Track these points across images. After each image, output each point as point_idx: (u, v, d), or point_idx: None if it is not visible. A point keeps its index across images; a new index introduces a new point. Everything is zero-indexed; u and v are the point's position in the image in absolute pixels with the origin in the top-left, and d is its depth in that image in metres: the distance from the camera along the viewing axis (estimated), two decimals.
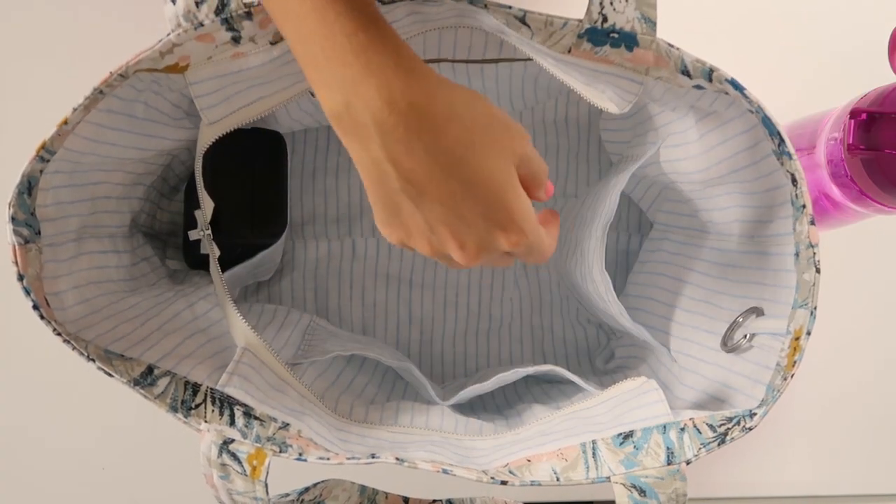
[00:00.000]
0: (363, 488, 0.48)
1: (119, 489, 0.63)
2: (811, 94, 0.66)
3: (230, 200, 0.52)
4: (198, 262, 0.54)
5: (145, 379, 0.41)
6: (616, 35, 0.41)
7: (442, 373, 0.63)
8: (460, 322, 0.64)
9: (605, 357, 0.62)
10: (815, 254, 0.40)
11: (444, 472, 0.41)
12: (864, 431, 0.66)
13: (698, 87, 0.42)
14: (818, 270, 0.40)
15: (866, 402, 0.66)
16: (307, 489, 0.45)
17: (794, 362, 0.40)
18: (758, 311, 0.45)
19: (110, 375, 0.39)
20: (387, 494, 0.48)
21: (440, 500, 0.48)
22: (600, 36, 0.41)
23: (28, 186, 0.38)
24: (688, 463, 0.41)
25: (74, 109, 0.38)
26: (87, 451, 0.63)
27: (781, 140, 0.40)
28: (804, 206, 0.40)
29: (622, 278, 0.64)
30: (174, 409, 0.41)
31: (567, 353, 0.64)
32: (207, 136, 0.44)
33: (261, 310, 0.56)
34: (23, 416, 0.62)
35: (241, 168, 0.54)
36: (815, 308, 0.40)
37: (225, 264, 0.50)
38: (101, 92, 0.38)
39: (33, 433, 0.62)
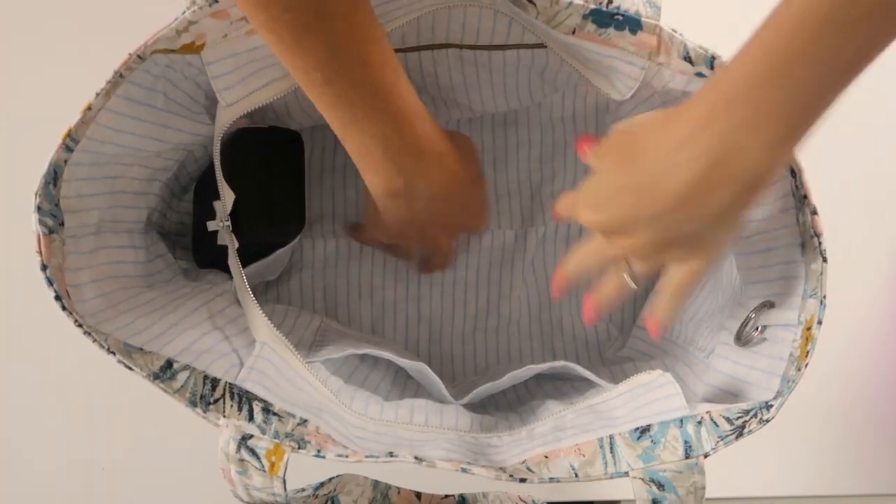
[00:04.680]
0: (376, 483, 0.48)
1: (119, 489, 0.63)
2: None
3: (248, 199, 0.51)
4: (208, 262, 0.54)
5: (165, 373, 0.40)
6: (621, 17, 0.41)
7: (452, 371, 0.63)
8: (469, 320, 0.64)
9: (615, 349, 0.62)
10: (820, 243, 0.40)
11: (463, 470, 0.41)
12: (864, 431, 0.66)
13: (700, 74, 0.42)
14: (825, 259, 0.41)
15: (867, 402, 0.66)
16: (322, 484, 0.45)
17: (808, 352, 0.40)
18: (769, 305, 0.45)
19: (130, 369, 0.39)
20: (399, 489, 0.48)
21: (452, 496, 0.48)
22: (605, 17, 0.41)
23: (54, 176, 0.38)
24: (706, 456, 0.41)
25: (97, 94, 0.38)
26: (87, 451, 0.62)
27: None
28: (805, 197, 0.41)
29: None
30: (193, 404, 0.41)
31: (577, 349, 0.64)
32: (225, 119, 0.45)
33: (271, 310, 0.56)
34: (23, 417, 0.62)
35: (259, 167, 0.54)
36: (825, 297, 0.40)
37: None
38: (121, 75, 0.39)
39: (33, 433, 0.62)
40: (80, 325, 0.38)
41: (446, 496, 0.49)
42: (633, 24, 0.41)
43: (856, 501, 0.67)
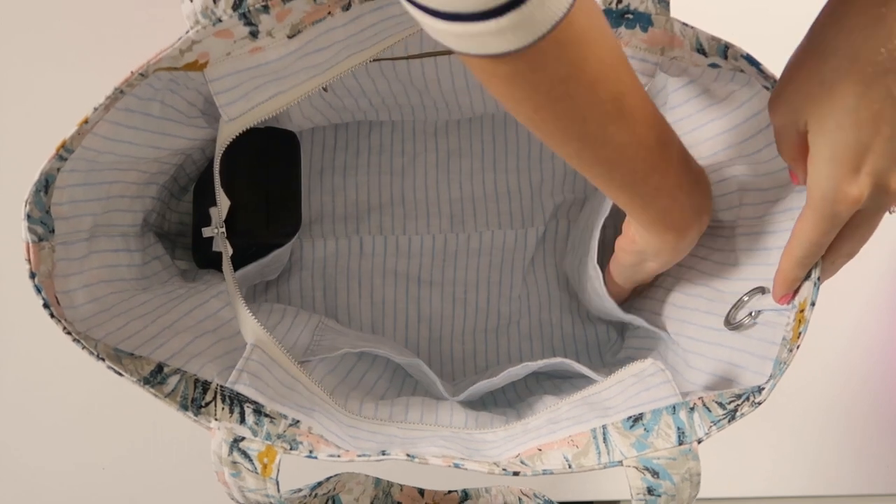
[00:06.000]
0: (378, 481, 0.47)
1: (119, 489, 0.63)
2: None
3: (245, 199, 0.52)
4: (207, 262, 0.54)
5: (155, 377, 0.41)
6: (631, 16, 0.41)
7: (451, 370, 0.63)
8: (468, 319, 0.64)
9: (614, 351, 0.62)
10: None
11: (456, 465, 0.41)
12: (863, 431, 0.66)
13: (714, 65, 0.42)
14: None
15: (867, 402, 0.65)
16: (320, 484, 0.45)
17: (799, 334, 0.40)
18: (763, 290, 0.45)
19: (120, 374, 0.39)
20: (402, 487, 0.48)
21: (455, 491, 0.48)
22: (615, 17, 0.41)
23: (45, 184, 0.38)
24: (699, 442, 0.41)
25: (95, 109, 0.38)
26: (87, 451, 0.63)
27: None
28: None
29: None
30: (184, 408, 0.41)
31: (577, 350, 0.64)
32: (227, 133, 0.44)
33: (270, 309, 0.56)
34: (23, 416, 0.62)
35: (255, 167, 0.54)
36: (819, 279, 0.40)
37: (236, 263, 0.50)
38: (121, 91, 0.38)
39: (34, 433, 0.63)
40: (68, 333, 0.39)
41: (449, 492, 0.49)
42: (643, 21, 0.41)
43: (856, 501, 0.66)
